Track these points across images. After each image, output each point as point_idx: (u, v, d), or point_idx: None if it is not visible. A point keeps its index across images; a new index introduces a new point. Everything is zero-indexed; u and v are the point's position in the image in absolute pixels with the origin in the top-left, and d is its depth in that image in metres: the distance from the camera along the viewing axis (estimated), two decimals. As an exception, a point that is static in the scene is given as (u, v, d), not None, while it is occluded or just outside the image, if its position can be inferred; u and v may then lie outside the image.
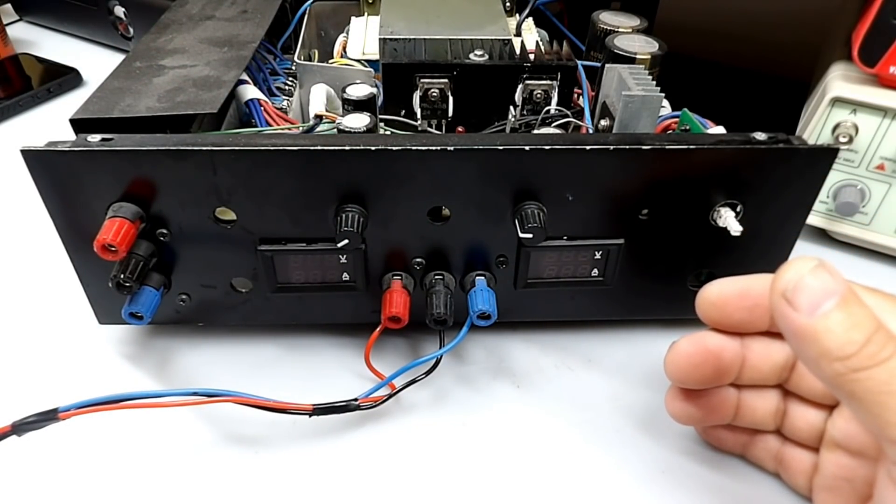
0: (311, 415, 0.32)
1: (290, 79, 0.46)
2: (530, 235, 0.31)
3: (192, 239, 0.33)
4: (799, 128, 0.46)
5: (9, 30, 0.69)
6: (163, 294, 0.34)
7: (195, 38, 0.43)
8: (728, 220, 0.32)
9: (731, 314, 0.28)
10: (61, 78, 0.64)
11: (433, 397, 0.36)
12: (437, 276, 0.35)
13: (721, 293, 0.28)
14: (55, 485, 0.31)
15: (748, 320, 0.28)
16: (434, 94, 0.39)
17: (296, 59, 0.45)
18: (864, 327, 0.21)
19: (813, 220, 0.46)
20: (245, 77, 0.41)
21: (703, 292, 0.28)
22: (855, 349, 0.20)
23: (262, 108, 0.40)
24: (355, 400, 0.32)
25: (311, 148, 0.30)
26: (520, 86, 0.40)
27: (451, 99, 0.39)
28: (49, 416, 0.29)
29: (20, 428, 0.29)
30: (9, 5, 0.77)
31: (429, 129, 0.40)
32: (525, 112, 0.40)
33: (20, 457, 0.32)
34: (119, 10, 0.67)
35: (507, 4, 0.51)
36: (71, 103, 0.58)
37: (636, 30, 0.45)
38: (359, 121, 0.34)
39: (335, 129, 0.35)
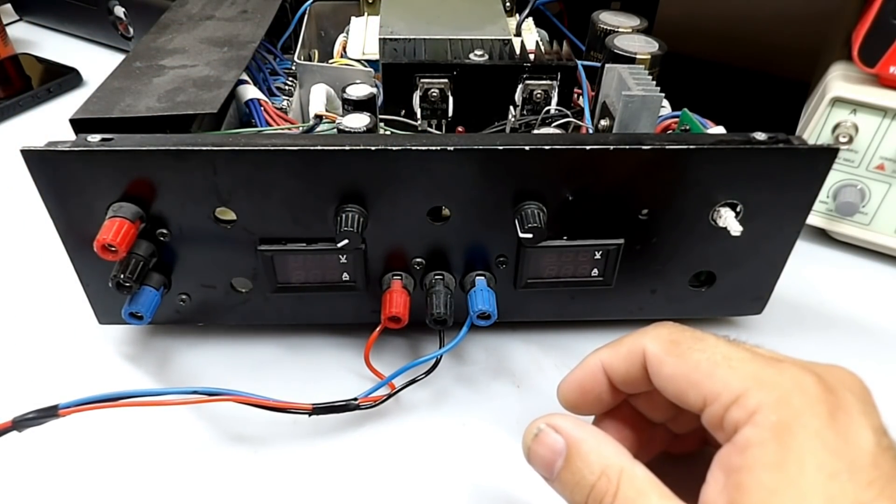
0: (311, 414, 0.32)
1: (290, 79, 0.46)
2: (530, 235, 0.31)
3: (192, 239, 0.33)
4: (799, 128, 0.46)
5: (9, 30, 0.69)
6: (163, 294, 0.34)
7: (195, 38, 0.43)
8: (728, 220, 0.32)
9: (591, 405, 0.28)
10: (61, 78, 0.64)
11: (433, 397, 0.36)
12: (437, 276, 0.35)
13: (567, 398, 0.28)
14: (54, 481, 0.31)
15: (609, 400, 0.28)
16: (434, 94, 0.39)
17: (296, 59, 0.45)
18: (586, 480, 0.23)
19: (813, 220, 0.46)
20: (245, 77, 0.41)
21: (558, 395, 0.29)
22: (584, 498, 0.23)
23: (262, 108, 0.40)
24: (355, 399, 0.32)
25: (311, 148, 0.30)
26: (520, 86, 0.40)
27: (451, 99, 0.39)
28: (49, 413, 0.29)
29: (21, 424, 0.29)
30: (9, 5, 0.77)
31: (429, 129, 0.40)
32: (525, 112, 0.40)
33: (20, 453, 0.32)
34: (119, 10, 0.67)
35: (507, 4, 0.51)
36: (71, 103, 0.58)
37: (636, 30, 0.45)
38: (359, 121, 0.34)
39: (335, 129, 0.35)
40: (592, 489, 0.23)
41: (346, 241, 0.31)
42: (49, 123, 0.60)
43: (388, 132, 0.38)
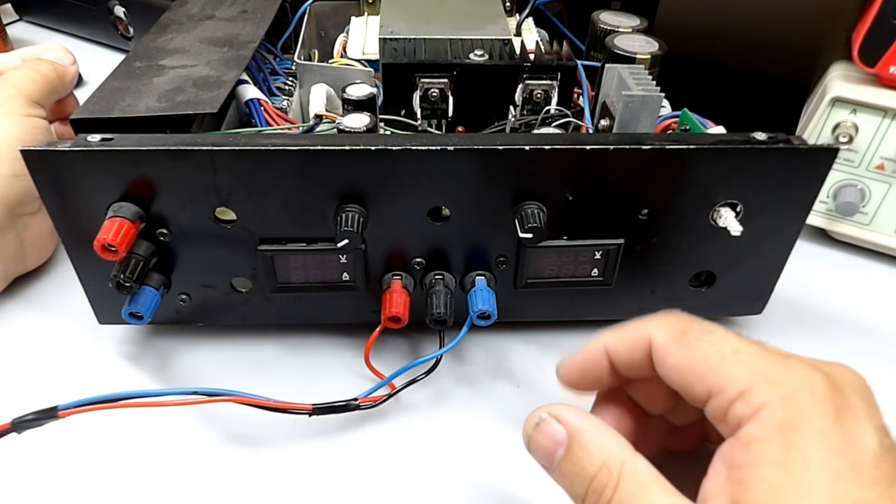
0: (311, 414, 0.32)
1: (290, 79, 0.46)
2: (530, 235, 0.31)
3: (192, 239, 0.33)
4: (799, 128, 0.46)
5: (9, 30, 0.69)
6: (163, 294, 0.34)
7: (195, 38, 0.43)
8: (728, 220, 0.32)
9: (590, 385, 0.28)
10: (61, 78, 0.64)
11: (433, 397, 0.36)
12: (437, 276, 0.35)
13: (566, 378, 0.28)
14: (54, 482, 0.31)
15: (608, 381, 0.28)
16: (434, 94, 0.39)
17: (296, 59, 0.45)
18: (587, 471, 0.23)
19: (813, 220, 0.46)
20: (245, 77, 0.41)
21: (557, 372, 0.28)
22: (584, 490, 0.23)
23: (262, 108, 0.40)
24: (355, 400, 0.33)
25: (311, 148, 0.30)
26: (520, 86, 0.40)
27: (451, 99, 0.39)
28: (49, 414, 0.29)
29: (20, 425, 0.29)
30: (9, 5, 0.77)
31: (429, 129, 0.40)
32: (525, 112, 0.40)
33: (20, 454, 0.32)
34: (119, 10, 0.67)
35: (507, 4, 0.51)
36: (71, 103, 0.58)
37: (636, 30, 0.45)
38: (359, 121, 0.34)
39: (335, 129, 0.35)
40: (593, 480, 0.23)
41: (346, 241, 0.31)
42: (49, 123, 0.60)
43: (388, 132, 0.38)
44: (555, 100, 0.40)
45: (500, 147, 0.30)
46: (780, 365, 0.22)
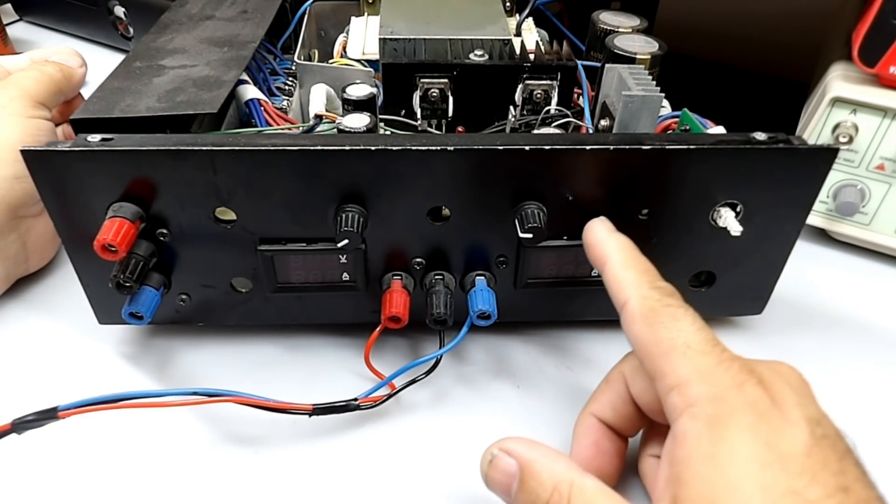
0: (311, 415, 0.32)
1: (290, 79, 0.46)
2: (530, 235, 0.31)
3: (192, 239, 0.33)
4: (799, 128, 0.46)
5: (9, 30, 0.69)
6: (163, 294, 0.34)
7: (195, 38, 0.43)
8: (728, 220, 0.32)
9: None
10: (61, 78, 0.64)
11: (433, 397, 0.36)
12: (437, 276, 0.35)
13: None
14: (55, 483, 0.31)
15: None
16: (434, 94, 0.39)
17: (296, 59, 0.45)
18: (540, 498, 0.24)
19: (813, 220, 0.46)
20: (245, 77, 0.41)
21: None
22: None
23: (262, 108, 0.40)
24: (355, 400, 0.33)
25: (311, 148, 0.30)
26: (520, 86, 0.40)
27: (451, 99, 0.39)
28: (49, 415, 0.29)
29: (20, 426, 0.29)
30: (9, 5, 0.77)
31: (429, 129, 0.40)
32: (525, 112, 0.40)
33: (20, 455, 0.32)
34: (119, 10, 0.67)
35: (507, 4, 0.51)
36: (71, 103, 0.58)
37: (636, 30, 0.45)
38: (359, 121, 0.34)
39: (335, 129, 0.35)
40: (553, 491, 0.24)
41: (346, 241, 0.31)
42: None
43: (388, 132, 0.38)
44: (555, 100, 0.40)
45: (500, 147, 0.30)
46: (720, 366, 0.23)
